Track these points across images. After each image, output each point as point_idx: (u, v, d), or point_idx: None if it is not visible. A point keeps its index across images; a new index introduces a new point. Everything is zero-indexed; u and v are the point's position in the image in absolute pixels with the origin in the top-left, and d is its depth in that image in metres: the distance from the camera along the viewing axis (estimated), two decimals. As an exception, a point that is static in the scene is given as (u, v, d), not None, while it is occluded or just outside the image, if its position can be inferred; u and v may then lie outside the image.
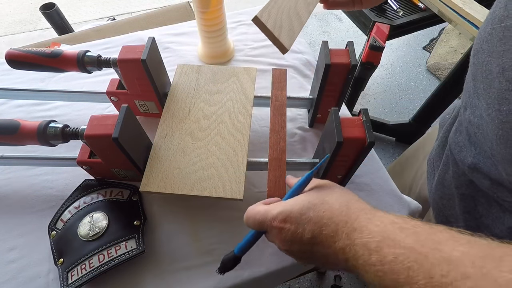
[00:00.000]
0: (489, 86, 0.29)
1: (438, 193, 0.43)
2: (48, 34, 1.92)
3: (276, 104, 0.49)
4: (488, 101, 0.29)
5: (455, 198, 0.40)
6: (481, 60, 0.30)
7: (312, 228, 0.28)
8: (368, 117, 0.37)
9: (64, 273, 0.39)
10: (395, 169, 0.71)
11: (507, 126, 0.27)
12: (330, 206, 0.28)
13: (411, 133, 1.34)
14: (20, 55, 0.46)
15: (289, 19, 0.37)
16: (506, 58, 0.26)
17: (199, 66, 0.54)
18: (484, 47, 0.30)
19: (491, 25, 0.29)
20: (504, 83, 0.27)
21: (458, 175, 0.38)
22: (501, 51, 0.27)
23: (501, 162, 0.30)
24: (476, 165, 0.34)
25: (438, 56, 1.69)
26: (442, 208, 0.43)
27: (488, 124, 0.30)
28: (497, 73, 0.27)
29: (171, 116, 0.48)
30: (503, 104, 0.27)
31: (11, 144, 0.42)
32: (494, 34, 0.28)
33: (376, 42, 0.89)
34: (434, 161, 0.45)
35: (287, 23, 0.37)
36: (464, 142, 0.37)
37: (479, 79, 0.31)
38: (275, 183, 0.41)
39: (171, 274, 0.41)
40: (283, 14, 0.37)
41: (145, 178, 0.42)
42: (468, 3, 0.81)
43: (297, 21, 0.38)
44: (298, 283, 1.06)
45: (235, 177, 0.42)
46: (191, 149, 0.44)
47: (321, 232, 0.27)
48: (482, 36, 0.31)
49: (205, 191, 0.41)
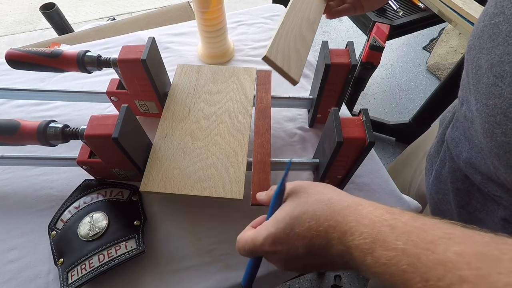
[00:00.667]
0: (478, 81, 0.29)
1: (434, 188, 0.44)
2: (48, 34, 1.93)
3: (261, 106, 0.49)
4: (476, 96, 0.30)
5: (450, 193, 0.40)
6: (472, 56, 0.31)
7: (303, 243, 0.27)
8: (368, 117, 0.37)
9: (64, 273, 0.39)
10: (395, 167, 0.71)
11: (492, 120, 0.28)
12: (313, 214, 0.27)
13: (411, 133, 1.33)
14: (20, 55, 0.46)
15: (295, 47, 0.38)
16: (494, 54, 0.27)
17: (199, 66, 0.54)
18: (475, 44, 0.30)
19: (482, 22, 0.30)
20: (492, 78, 0.27)
21: (454, 170, 0.39)
22: (490, 47, 0.27)
23: (488, 156, 0.31)
24: (470, 160, 0.35)
25: (438, 56, 1.68)
26: (437, 203, 0.43)
27: (477, 118, 0.30)
28: (486, 69, 0.28)
29: (171, 116, 0.48)
30: (490, 98, 0.27)
31: (11, 144, 0.42)
32: (485, 30, 0.29)
33: (376, 42, 0.89)
34: (432, 157, 0.46)
35: (295, 54, 0.37)
36: (459, 137, 0.37)
37: (470, 75, 0.31)
38: (259, 186, 0.41)
39: (171, 274, 0.41)
40: (290, 43, 0.38)
41: (145, 178, 0.42)
42: (468, 3, 0.81)
43: (303, 46, 0.39)
44: (298, 283, 1.06)
45: (235, 177, 0.42)
46: (191, 149, 0.44)
47: (313, 244, 0.26)
48: (474, 33, 0.31)
49: (205, 191, 0.41)
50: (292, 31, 0.38)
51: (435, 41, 1.81)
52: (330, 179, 0.45)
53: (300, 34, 0.39)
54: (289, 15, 0.39)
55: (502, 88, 0.26)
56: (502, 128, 0.27)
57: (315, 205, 0.28)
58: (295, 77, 0.36)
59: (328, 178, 0.44)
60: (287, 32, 0.38)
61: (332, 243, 0.25)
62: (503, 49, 0.26)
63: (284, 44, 0.37)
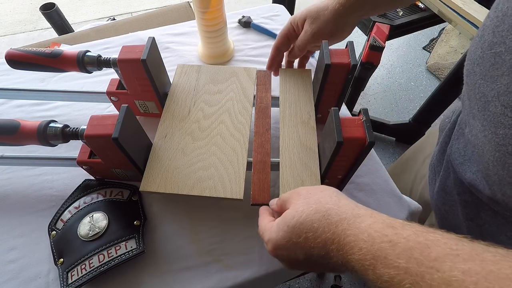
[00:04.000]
0: (484, 108, 0.29)
1: (440, 199, 0.43)
2: (48, 34, 1.93)
3: (261, 106, 0.49)
4: (483, 123, 0.29)
5: (457, 204, 0.39)
6: (473, 81, 0.31)
7: (302, 251, 0.27)
8: (368, 117, 0.37)
9: (64, 273, 0.39)
10: (395, 170, 0.71)
11: (503, 150, 0.27)
12: (310, 225, 0.27)
13: (411, 133, 1.34)
14: (20, 55, 0.46)
15: (305, 165, 0.42)
16: (500, 84, 0.27)
17: (199, 66, 0.54)
18: (476, 70, 0.30)
19: (481, 49, 0.29)
20: (500, 108, 0.27)
21: (460, 182, 0.38)
22: (494, 76, 0.27)
23: (497, 183, 0.30)
24: (475, 182, 0.34)
25: (438, 56, 1.68)
26: (445, 214, 0.42)
27: (485, 145, 0.30)
28: (492, 97, 0.28)
29: (171, 116, 0.48)
30: (499, 127, 0.27)
31: (11, 144, 0.42)
32: (485, 58, 0.28)
33: (376, 42, 0.89)
34: (435, 167, 0.45)
35: (305, 172, 0.42)
36: (464, 158, 0.37)
37: (473, 100, 0.31)
38: (259, 186, 0.41)
39: (171, 274, 0.41)
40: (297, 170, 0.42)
41: (145, 178, 0.42)
42: (468, 3, 0.81)
43: (311, 159, 0.43)
44: (298, 283, 1.06)
45: (235, 177, 0.42)
46: (191, 149, 0.44)
47: (312, 254, 0.26)
48: (473, 58, 0.31)
49: (205, 191, 0.41)
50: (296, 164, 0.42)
51: (435, 41, 1.81)
52: (330, 179, 0.45)
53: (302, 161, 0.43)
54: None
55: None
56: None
57: (312, 216, 0.27)
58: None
59: (328, 178, 0.44)
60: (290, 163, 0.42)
61: (331, 255, 0.25)
62: (509, 80, 0.26)
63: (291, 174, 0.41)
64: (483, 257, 0.18)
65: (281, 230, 0.29)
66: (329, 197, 0.29)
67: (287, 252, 0.29)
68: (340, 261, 0.24)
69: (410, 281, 0.19)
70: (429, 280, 0.18)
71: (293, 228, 0.28)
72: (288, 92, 0.50)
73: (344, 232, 0.24)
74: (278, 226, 0.30)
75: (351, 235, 0.24)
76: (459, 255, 0.18)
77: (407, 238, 0.21)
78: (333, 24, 0.45)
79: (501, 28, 0.27)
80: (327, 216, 0.26)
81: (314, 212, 0.27)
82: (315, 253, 0.26)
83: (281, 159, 0.43)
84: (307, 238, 0.26)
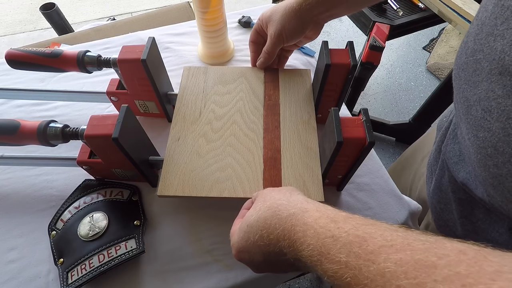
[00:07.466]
0: (467, 112, 0.30)
1: (435, 197, 0.43)
2: (48, 34, 1.93)
3: (269, 103, 0.49)
4: (467, 126, 0.31)
5: (452, 202, 0.40)
6: (459, 86, 0.32)
7: (259, 250, 0.27)
8: (368, 117, 0.37)
9: (64, 273, 0.39)
10: (395, 170, 0.71)
11: (484, 152, 0.28)
12: (264, 222, 0.27)
13: (411, 133, 1.34)
14: (20, 55, 0.46)
15: (306, 165, 0.43)
16: (480, 89, 0.28)
17: (205, 67, 0.54)
18: (461, 75, 0.31)
19: (465, 55, 0.30)
20: (480, 112, 0.28)
21: (454, 180, 0.38)
22: (476, 82, 0.28)
23: (482, 184, 0.32)
24: (467, 181, 0.35)
25: (438, 56, 1.69)
26: (440, 212, 0.43)
27: (469, 147, 0.31)
28: (474, 102, 0.29)
29: (182, 119, 0.48)
30: (480, 131, 0.28)
31: (11, 144, 0.42)
32: (468, 64, 0.29)
33: (376, 42, 0.89)
34: (432, 165, 0.45)
35: (307, 172, 0.42)
36: (459, 157, 0.37)
37: (459, 104, 0.32)
38: (271, 182, 0.41)
39: (171, 274, 0.41)
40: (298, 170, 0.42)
41: (162, 182, 0.41)
42: (468, 3, 0.81)
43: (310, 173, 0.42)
44: (298, 283, 1.06)
45: (253, 176, 0.42)
46: (205, 151, 0.44)
47: (269, 252, 0.27)
48: (458, 63, 0.32)
49: (224, 192, 0.41)
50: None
51: (435, 41, 1.81)
52: (330, 179, 0.45)
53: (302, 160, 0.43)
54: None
55: (490, 122, 0.27)
56: (493, 161, 0.28)
57: (265, 212, 0.28)
58: (316, 198, 0.40)
59: (328, 178, 0.44)
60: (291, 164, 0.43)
61: (284, 251, 0.25)
62: (488, 86, 0.27)
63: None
64: (413, 247, 0.19)
65: (241, 231, 0.29)
66: (283, 194, 0.29)
67: (248, 254, 0.29)
68: (292, 257, 0.25)
69: (350, 274, 0.20)
70: (366, 272, 0.19)
71: (251, 226, 0.28)
72: (288, 92, 0.50)
73: (293, 228, 0.25)
74: (240, 227, 0.30)
75: (300, 231, 0.24)
76: (392, 246, 0.19)
77: (348, 232, 0.22)
78: (293, 22, 0.45)
79: (480, 36, 0.28)
80: (277, 212, 0.27)
81: (267, 208, 0.28)
82: (271, 250, 0.27)
83: (282, 159, 0.42)
84: (262, 236, 0.27)
